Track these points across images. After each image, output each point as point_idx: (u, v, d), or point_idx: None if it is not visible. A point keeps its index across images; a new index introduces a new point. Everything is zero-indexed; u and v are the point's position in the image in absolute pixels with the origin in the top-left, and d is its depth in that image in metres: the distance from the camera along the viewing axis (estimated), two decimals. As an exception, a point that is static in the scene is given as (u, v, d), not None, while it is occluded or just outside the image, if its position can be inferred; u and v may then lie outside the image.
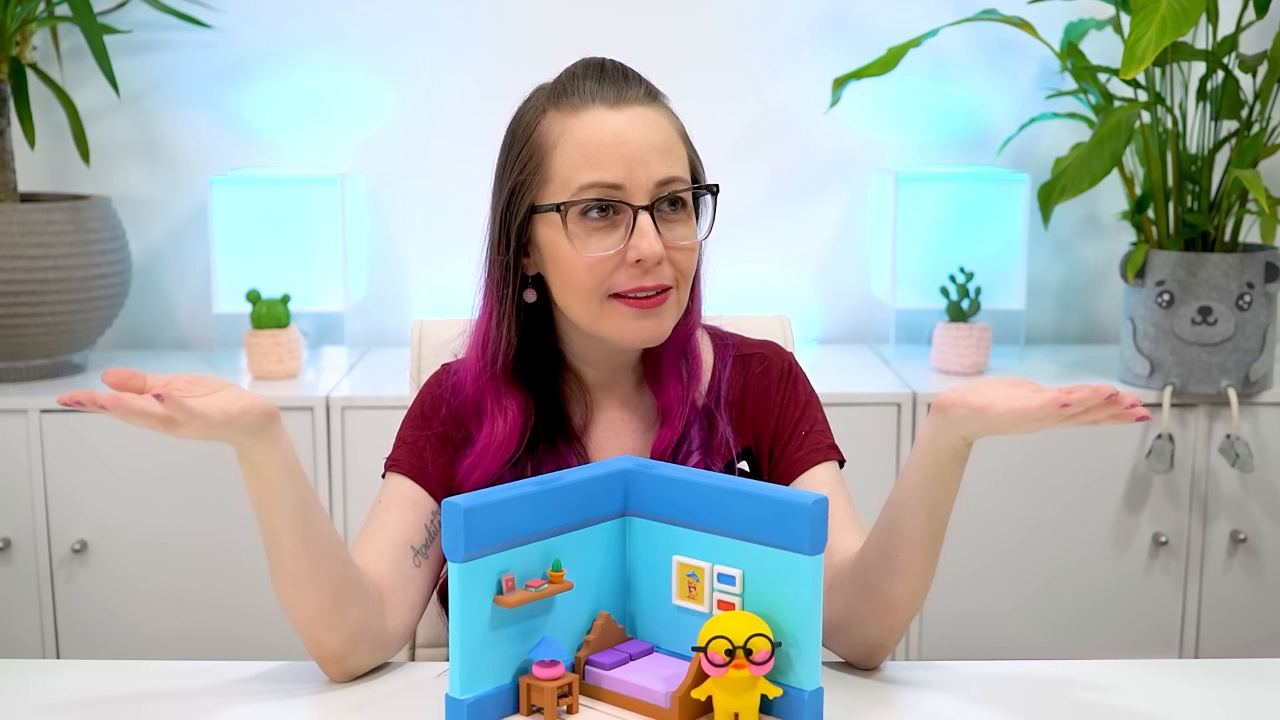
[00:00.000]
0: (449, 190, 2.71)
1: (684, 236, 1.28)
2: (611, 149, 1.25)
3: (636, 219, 1.25)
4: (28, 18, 2.47)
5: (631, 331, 1.28)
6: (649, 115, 1.28)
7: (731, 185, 2.75)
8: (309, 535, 1.18)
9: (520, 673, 1.12)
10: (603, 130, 1.25)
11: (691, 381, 1.35)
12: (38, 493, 2.33)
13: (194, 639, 2.37)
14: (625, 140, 1.25)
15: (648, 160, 1.25)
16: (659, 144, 1.26)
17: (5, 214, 2.35)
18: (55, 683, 1.25)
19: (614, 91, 1.27)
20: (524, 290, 1.32)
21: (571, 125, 1.26)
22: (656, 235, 1.25)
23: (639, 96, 1.28)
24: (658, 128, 1.27)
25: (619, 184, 1.25)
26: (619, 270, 1.26)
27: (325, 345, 2.75)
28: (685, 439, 1.33)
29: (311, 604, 1.19)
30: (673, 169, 1.27)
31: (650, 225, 1.25)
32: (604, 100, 1.27)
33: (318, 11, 2.70)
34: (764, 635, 1.06)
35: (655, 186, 1.26)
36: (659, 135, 1.27)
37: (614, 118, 1.26)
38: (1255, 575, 2.43)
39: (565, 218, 1.26)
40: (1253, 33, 2.59)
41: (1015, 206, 2.58)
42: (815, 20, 2.73)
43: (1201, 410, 2.38)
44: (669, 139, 1.28)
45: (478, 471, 1.31)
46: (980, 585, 2.42)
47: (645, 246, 1.24)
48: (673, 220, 1.28)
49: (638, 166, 1.25)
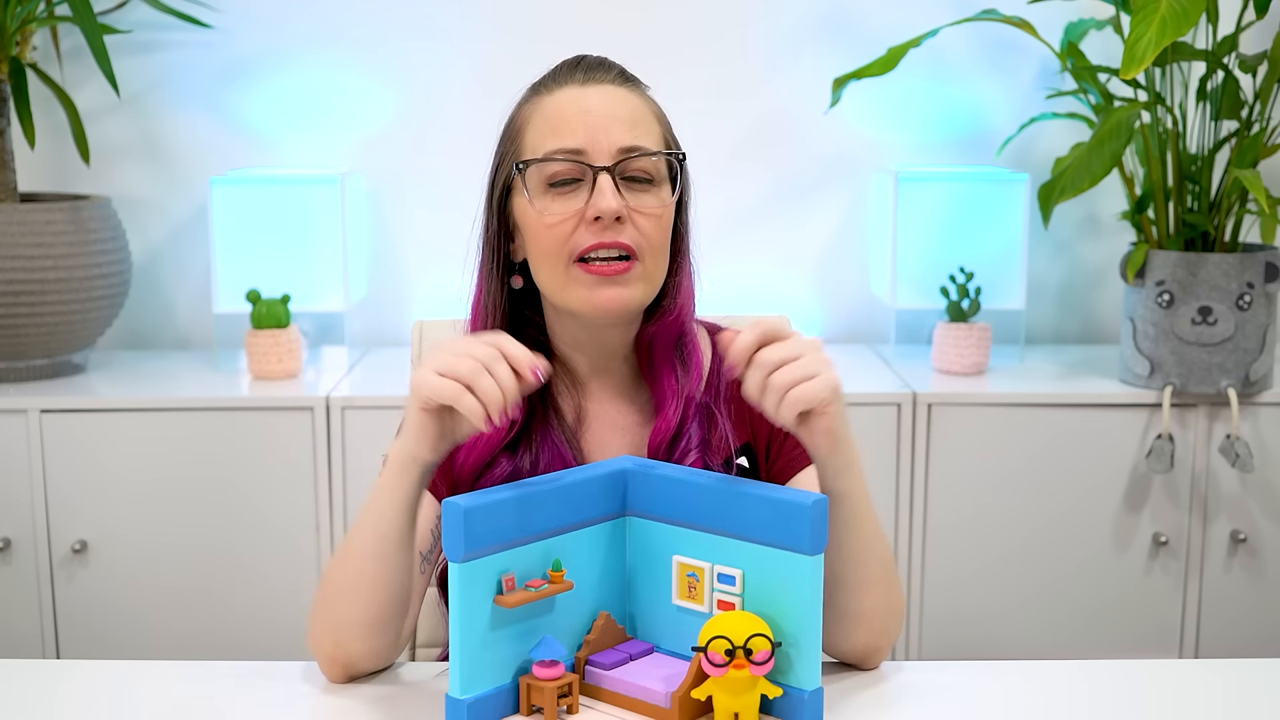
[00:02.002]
0: (449, 190, 2.71)
1: (649, 205, 1.29)
2: (575, 117, 1.28)
3: (597, 179, 1.26)
4: (28, 18, 2.47)
5: (595, 299, 1.28)
6: (618, 92, 1.31)
7: (731, 185, 2.76)
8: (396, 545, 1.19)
9: (520, 673, 1.12)
10: (569, 103, 1.29)
11: (688, 373, 1.35)
12: (38, 493, 2.33)
13: (194, 639, 2.37)
14: (589, 109, 1.28)
15: (609, 128, 1.28)
16: (624, 115, 1.29)
17: (5, 214, 2.35)
18: (55, 683, 1.25)
19: (585, 74, 1.31)
20: (510, 276, 1.34)
21: (544, 102, 1.31)
22: (615, 193, 1.26)
23: (611, 78, 1.32)
24: (625, 102, 1.30)
25: (580, 148, 1.27)
26: (581, 230, 1.27)
27: (325, 345, 2.75)
28: (683, 436, 1.33)
29: (358, 612, 1.20)
30: (638, 139, 1.29)
31: (609, 184, 1.26)
32: (578, 77, 1.31)
33: (317, 11, 2.70)
34: (764, 635, 1.06)
35: (618, 151, 1.27)
36: (625, 108, 1.30)
37: (582, 92, 1.30)
38: (1255, 575, 2.43)
39: (525, 178, 1.28)
40: (1253, 33, 2.59)
41: (1015, 206, 2.58)
42: (815, 20, 2.73)
43: (1201, 410, 2.38)
44: (636, 113, 1.30)
45: (474, 454, 1.32)
46: (980, 585, 2.42)
47: (603, 203, 1.25)
48: (639, 189, 1.29)
49: (599, 133, 1.27)
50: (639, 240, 1.28)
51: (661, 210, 1.30)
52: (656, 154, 1.30)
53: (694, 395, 1.36)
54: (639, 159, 1.28)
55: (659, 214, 1.29)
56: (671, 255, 1.34)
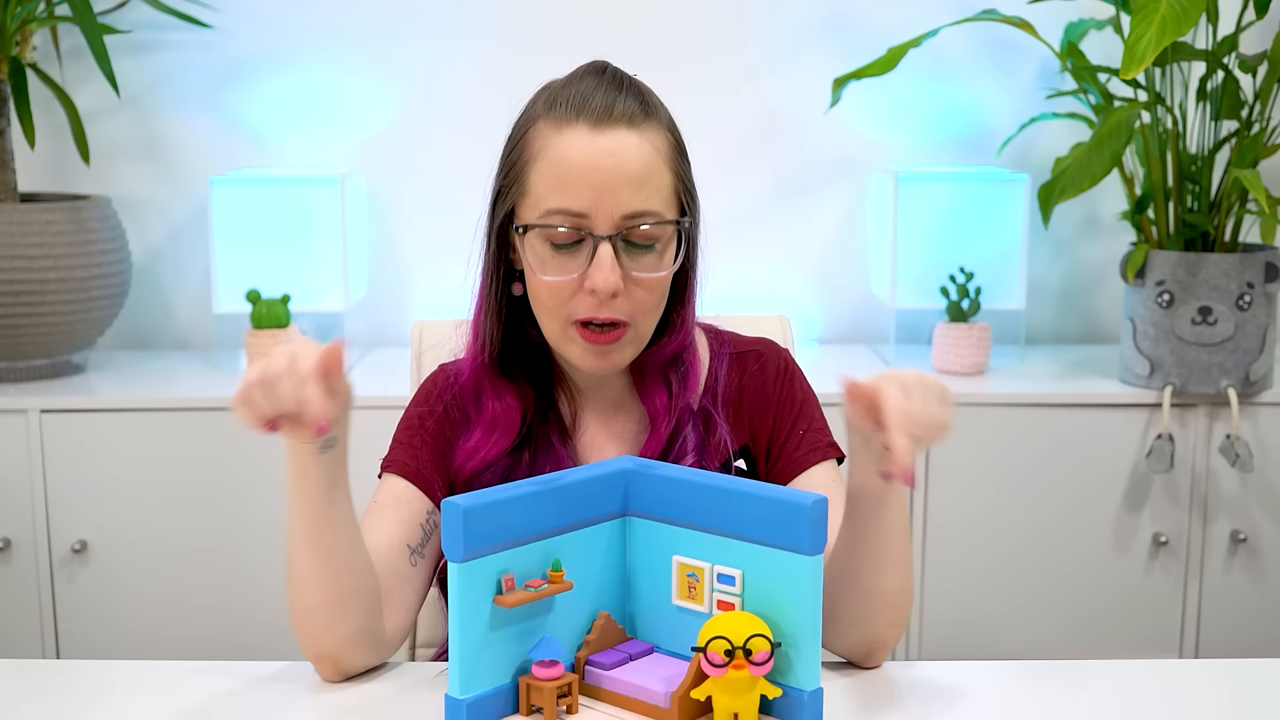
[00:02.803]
0: (449, 190, 2.71)
1: (648, 268, 1.26)
2: (582, 176, 1.23)
3: (597, 248, 1.24)
4: (28, 18, 2.47)
5: (587, 363, 1.29)
6: (631, 141, 1.25)
7: (731, 185, 2.76)
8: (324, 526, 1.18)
9: (520, 673, 1.12)
10: (578, 154, 1.24)
11: (682, 391, 1.35)
12: (38, 493, 2.33)
13: (194, 639, 2.37)
14: (597, 168, 1.23)
15: (617, 191, 1.23)
16: (634, 174, 1.24)
17: (5, 214, 2.35)
18: (55, 683, 1.25)
19: (601, 107, 1.25)
20: (511, 284, 1.33)
21: (552, 141, 1.25)
22: (614, 267, 1.23)
23: (627, 115, 1.25)
24: (637, 155, 1.24)
25: (584, 212, 1.23)
26: (578, 296, 1.26)
27: (325, 345, 2.74)
28: (676, 443, 1.33)
29: (311, 598, 1.20)
30: (644, 202, 1.24)
31: (609, 257, 1.23)
32: (589, 117, 1.24)
33: (317, 11, 2.70)
34: (763, 635, 1.06)
35: (622, 219, 1.24)
36: (636, 164, 1.24)
37: (593, 141, 1.24)
38: (1255, 575, 2.43)
39: (525, 240, 1.26)
40: (1253, 33, 2.59)
41: (1015, 206, 2.58)
42: (815, 20, 2.73)
43: (1201, 410, 2.38)
44: (647, 168, 1.25)
45: (476, 458, 1.32)
46: (981, 585, 2.42)
47: (600, 279, 1.23)
48: (639, 252, 1.26)
49: (605, 197, 1.23)
50: (632, 310, 1.27)
51: (660, 275, 1.28)
52: (663, 223, 1.26)
53: (690, 404, 1.35)
54: (644, 227, 1.25)
55: (657, 280, 1.27)
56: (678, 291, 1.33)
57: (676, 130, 1.31)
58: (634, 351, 1.31)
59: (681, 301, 1.34)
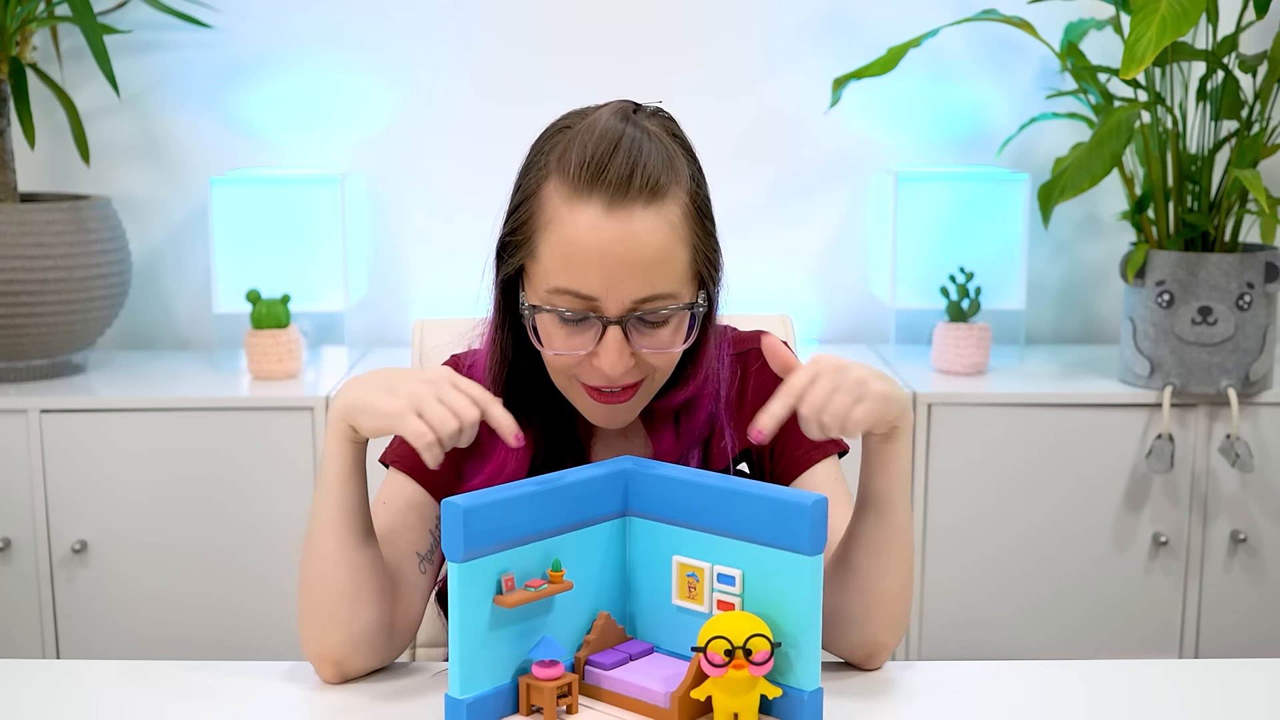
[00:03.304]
0: (449, 190, 2.71)
1: (660, 345, 1.24)
2: (593, 261, 1.19)
3: (606, 331, 1.21)
4: (28, 18, 2.47)
5: (595, 418, 1.28)
6: (647, 222, 1.19)
7: (732, 185, 2.76)
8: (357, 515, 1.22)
9: (520, 673, 1.12)
10: (589, 237, 1.18)
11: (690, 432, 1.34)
12: (38, 493, 2.33)
13: (194, 639, 2.37)
14: (608, 254, 1.18)
15: (629, 278, 1.19)
16: (646, 260, 1.19)
17: (5, 214, 2.35)
18: (55, 683, 1.25)
19: (617, 181, 1.19)
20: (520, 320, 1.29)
21: (563, 216, 1.20)
22: (622, 350, 1.21)
23: (647, 189, 1.19)
24: (652, 239, 1.19)
25: (594, 296, 1.20)
26: (584, 366, 1.24)
27: (325, 345, 2.75)
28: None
29: (333, 590, 1.21)
30: (655, 287, 1.20)
31: (617, 340, 1.20)
32: (603, 193, 1.19)
33: (318, 11, 2.70)
34: (763, 635, 1.06)
35: (633, 303, 1.20)
36: (650, 250, 1.19)
37: (606, 224, 1.18)
38: (1255, 575, 2.43)
39: (534, 318, 1.24)
40: (1253, 33, 2.59)
41: (1015, 206, 2.58)
42: (815, 20, 2.73)
43: (1201, 410, 2.38)
44: (661, 251, 1.20)
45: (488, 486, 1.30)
46: (980, 585, 2.42)
47: (608, 363, 1.21)
48: (650, 329, 1.23)
49: (616, 283, 1.19)
50: (646, 371, 1.25)
51: (672, 351, 1.25)
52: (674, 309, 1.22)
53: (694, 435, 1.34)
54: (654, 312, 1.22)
55: (668, 354, 1.25)
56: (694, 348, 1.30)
57: (700, 191, 1.26)
58: (643, 404, 1.30)
59: (695, 358, 1.32)
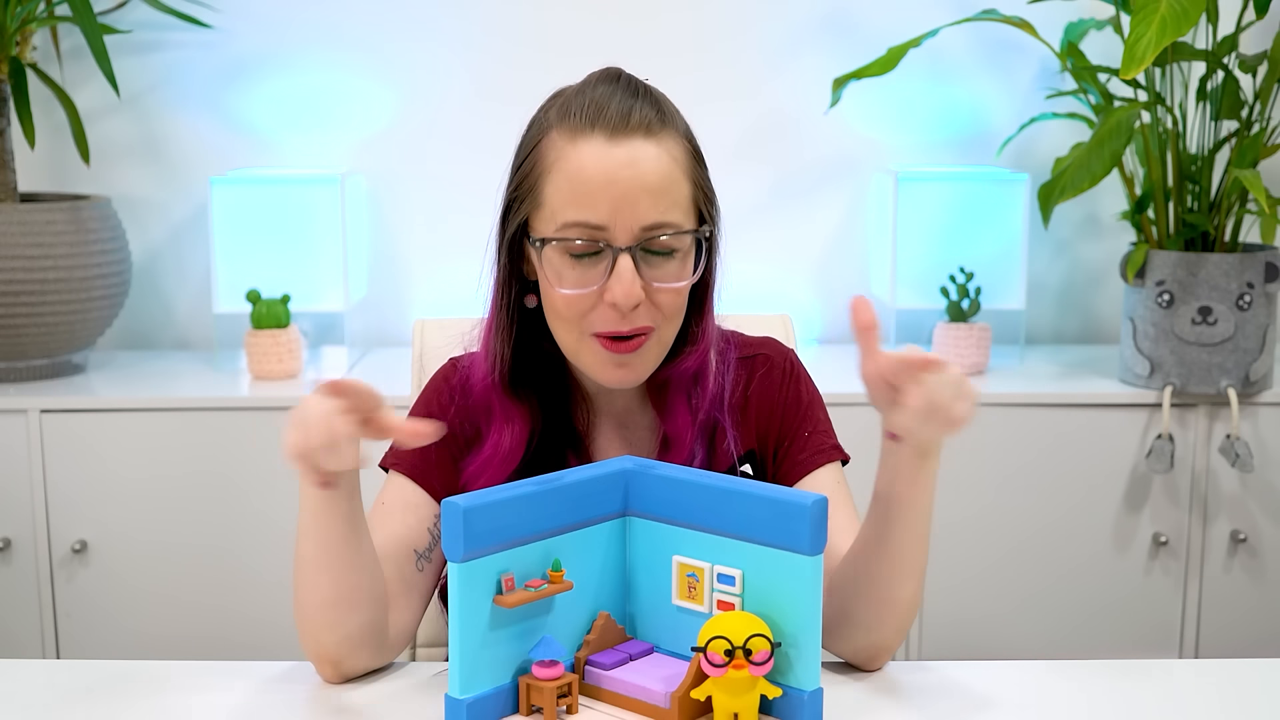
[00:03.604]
0: (449, 190, 2.71)
1: (668, 278, 1.24)
2: (600, 189, 1.21)
3: (617, 260, 1.22)
4: (28, 18, 2.47)
5: (606, 375, 1.27)
6: (649, 151, 1.22)
7: (731, 185, 2.75)
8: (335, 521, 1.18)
9: (520, 673, 1.12)
10: (595, 167, 1.21)
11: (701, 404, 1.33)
12: (38, 493, 2.33)
13: (194, 639, 2.37)
14: (615, 180, 1.21)
15: (636, 202, 1.21)
16: (652, 185, 1.22)
17: (5, 214, 2.35)
18: (55, 683, 1.25)
19: (618, 116, 1.22)
20: (525, 295, 1.31)
21: (567, 154, 1.23)
22: (634, 279, 1.22)
23: (644, 124, 1.23)
24: (655, 166, 1.22)
25: (603, 225, 1.21)
26: (597, 309, 1.24)
27: (325, 345, 2.75)
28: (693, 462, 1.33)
29: (318, 595, 1.20)
30: (662, 214, 1.22)
31: (629, 268, 1.22)
32: (604, 127, 1.22)
33: (318, 11, 2.70)
34: (763, 635, 1.06)
35: (641, 230, 1.22)
36: (654, 175, 1.22)
37: (610, 152, 1.21)
38: (1255, 575, 2.43)
39: (542, 254, 1.24)
40: (1253, 33, 2.59)
41: (1015, 206, 2.58)
42: (815, 20, 2.73)
43: (1201, 410, 2.38)
44: (666, 177, 1.23)
45: (482, 479, 1.30)
46: (980, 586, 2.42)
47: (620, 291, 1.21)
48: (659, 261, 1.24)
49: (624, 208, 1.21)
50: (655, 316, 1.25)
51: (682, 284, 1.26)
52: (682, 233, 1.24)
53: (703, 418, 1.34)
54: (663, 238, 1.23)
55: (678, 289, 1.25)
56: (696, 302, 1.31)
57: (693, 137, 1.29)
58: (655, 361, 1.29)
59: (700, 313, 1.32)
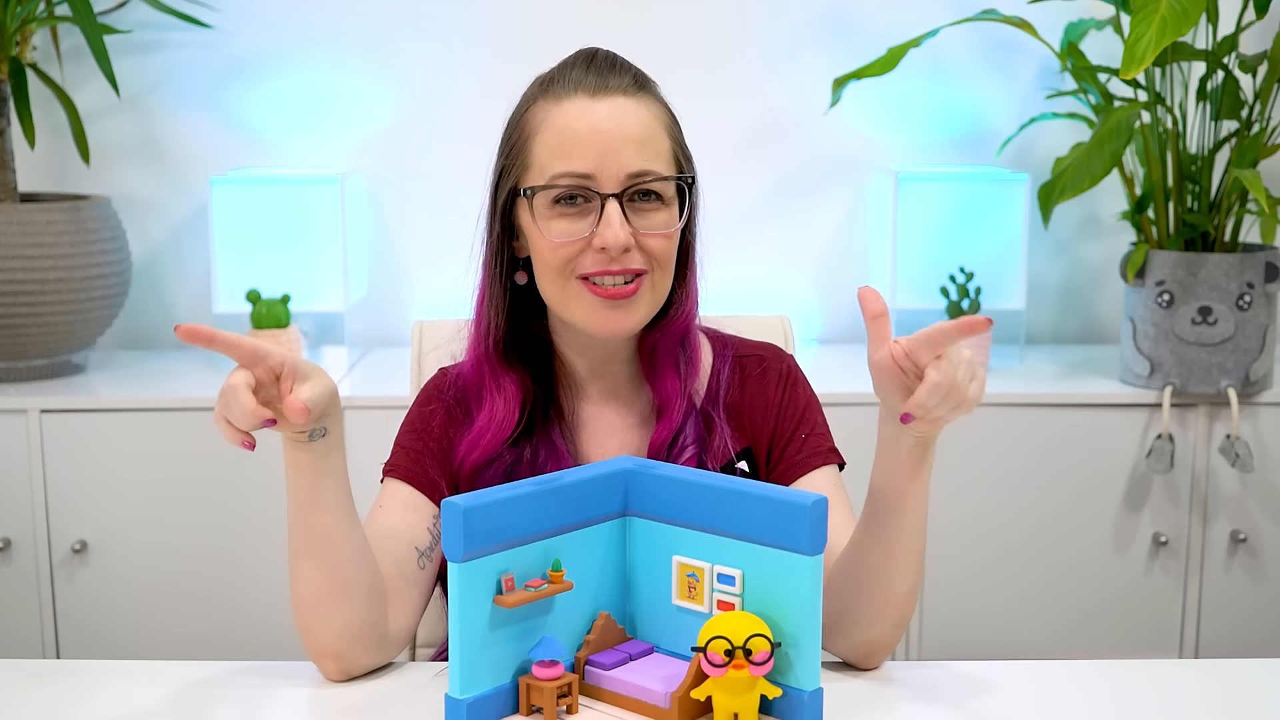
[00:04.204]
0: (449, 190, 2.71)
1: (657, 225, 1.28)
2: (585, 139, 1.26)
3: (605, 207, 1.25)
4: (28, 18, 2.47)
5: (598, 320, 1.29)
6: (630, 105, 1.28)
7: (731, 185, 2.76)
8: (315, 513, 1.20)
9: (520, 673, 1.12)
10: (579, 120, 1.26)
11: (689, 373, 1.36)
12: (38, 493, 2.33)
13: (194, 639, 2.37)
14: (599, 130, 1.26)
15: (620, 151, 1.26)
16: (635, 135, 1.26)
17: (5, 214, 2.35)
18: (55, 683, 1.25)
19: (597, 80, 1.28)
20: (514, 272, 1.34)
21: (553, 113, 1.28)
22: (623, 223, 1.25)
23: (624, 86, 1.29)
24: (637, 118, 1.28)
25: (589, 173, 1.26)
26: (586, 254, 1.27)
27: (325, 345, 2.75)
28: (680, 432, 1.34)
29: (307, 588, 1.21)
30: (647, 161, 1.27)
31: (617, 213, 1.25)
32: (586, 89, 1.28)
33: (318, 11, 2.70)
34: (763, 635, 1.06)
35: (627, 177, 1.26)
36: (636, 126, 1.27)
37: (593, 107, 1.27)
38: (1255, 575, 2.43)
39: (532, 203, 1.28)
40: (1253, 33, 2.59)
41: (1015, 206, 2.58)
42: (815, 20, 2.73)
43: (1201, 410, 2.38)
44: (648, 130, 1.28)
45: (477, 450, 1.32)
46: (980, 585, 2.42)
47: (610, 235, 1.25)
48: (646, 209, 1.28)
49: (609, 157, 1.25)
50: (647, 261, 1.28)
51: (670, 231, 1.29)
52: (667, 179, 1.28)
53: (693, 396, 1.36)
54: (649, 182, 1.27)
55: (667, 235, 1.29)
56: (679, 262, 1.34)
57: (669, 107, 1.34)
58: (647, 310, 1.31)
59: (684, 276, 1.35)
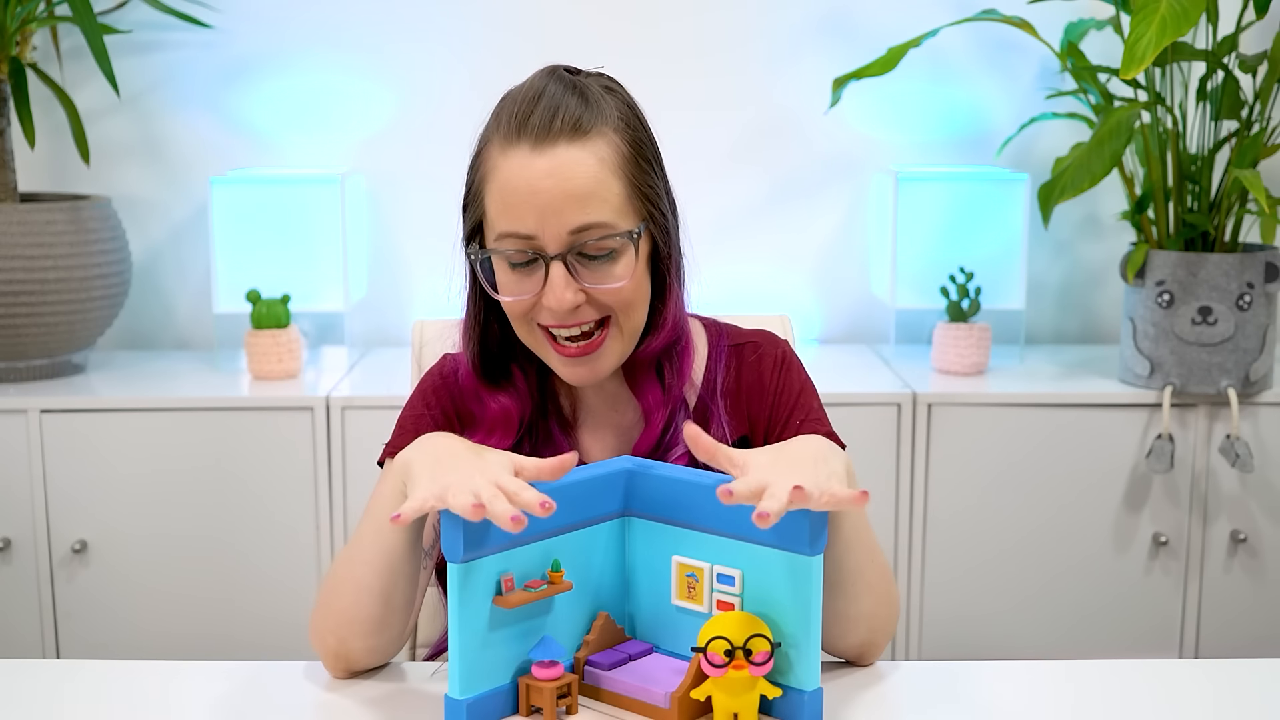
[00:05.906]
0: (449, 190, 2.67)
1: (607, 279, 1.26)
2: (524, 199, 1.23)
3: (549, 269, 1.24)
4: (28, 18, 2.47)
5: (565, 372, 1.30)
6: (572, 156, 1.23)
7: (731, 185, 2.76)
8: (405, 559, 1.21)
9: (519, 673, 1.12)
10: (519, 179, 1.23)
11: (679, 375, 1.35)
12: (38, 493, 2.33)
13: (195, 638, 2.37)
14: (537, 191, 1.23)
15: (560, 210, 1.23)
16: (575, 191, 1.23)
17: (5, 214, 2.35)
18: (55, 683, 1.25)
19: (540, 128, 1.24)
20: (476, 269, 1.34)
21: (499, 165, 1.26)
22: (566, 285, 1.23)
23: (569, 128, 1.24)
24: (578, 170, 1.23)
25: (532, 234, 1.24)
26: (540, 308, 1.26)
27: (325, 345, 2.75)
28: (669, 434, 1.34)
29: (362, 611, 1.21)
30: (589, 215, 1.23)
31: (560, 275, 1.24)
32: (529, 137, 1.24)
33: (318, 11, 2.70)
34: (763, 636, 1.06)
35: (569, 235, 1.23)
36: (577, 181, 1.23)
37: (533, 163, 1.23)
38: (1255, 575, 2.43)
39: (479, 267, 1.29)
40: (1253, 33, 2.59)
41: (1015, 206, 2.58)
42: (815, 21, 2.73)
43: (1201, 410, 2.38)
44: (590, 181, 1.23)
45: None
46: (980, 585, 2.42)
47: (553, 299, 1.24)
48: (596, 263, 1.25)
49: (550, 216, 1.23)
50: (607, 309, 1.27)
51: (621, 284, 1.26)
52: (611, 236, 1.25)
53: (683, 396, 1.35)
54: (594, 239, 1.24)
55: (616, 289, 1.26)
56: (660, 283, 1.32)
57: (635, 129, 1.28)
58: (618, 356, 1.30)
59: (662, 301, 1.33)
